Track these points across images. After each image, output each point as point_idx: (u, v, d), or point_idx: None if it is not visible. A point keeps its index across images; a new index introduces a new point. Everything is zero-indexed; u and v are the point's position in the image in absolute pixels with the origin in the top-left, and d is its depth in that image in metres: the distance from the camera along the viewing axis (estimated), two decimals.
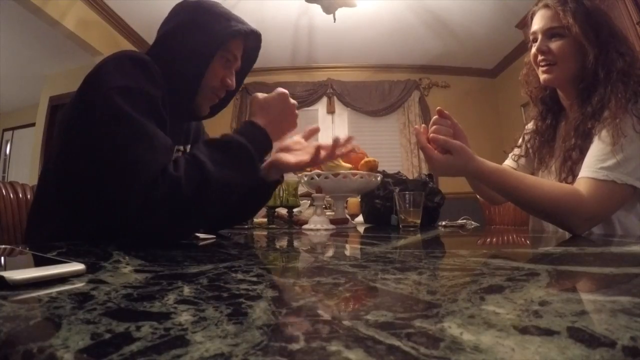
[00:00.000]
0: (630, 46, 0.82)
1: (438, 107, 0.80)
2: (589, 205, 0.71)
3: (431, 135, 0.76)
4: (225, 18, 0.75)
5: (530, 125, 1.02)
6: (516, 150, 1.05)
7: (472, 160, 0.74)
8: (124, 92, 0.60)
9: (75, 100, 0.66)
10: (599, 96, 0.78)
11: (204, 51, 0.72)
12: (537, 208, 0.77)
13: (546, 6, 0.85)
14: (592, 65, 0.79)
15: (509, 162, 1.06)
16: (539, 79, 0.91)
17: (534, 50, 0.88)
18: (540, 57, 0.86)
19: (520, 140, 1.04)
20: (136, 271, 0.33)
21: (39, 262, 0.40)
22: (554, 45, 0.83)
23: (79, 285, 0.27)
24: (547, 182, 0.79)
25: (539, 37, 0.86)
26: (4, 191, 0.98)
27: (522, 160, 1.03)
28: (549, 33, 0.84)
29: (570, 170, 0.80)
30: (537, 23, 0.86)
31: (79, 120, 0.64)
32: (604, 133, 0.74)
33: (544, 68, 0.86)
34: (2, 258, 0.44)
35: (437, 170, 0.76)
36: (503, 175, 0.75)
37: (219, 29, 0.73)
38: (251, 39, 0.83)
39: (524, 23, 0.93)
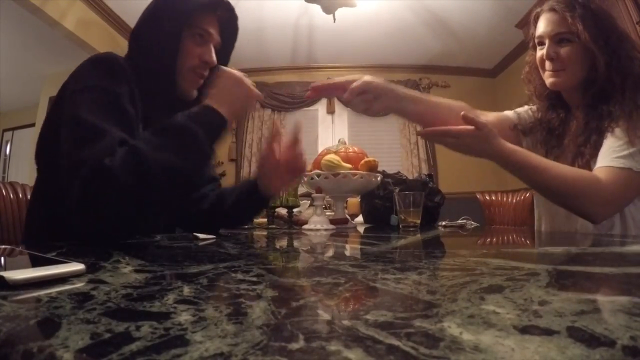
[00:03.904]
0: (638, 48, 0.81)
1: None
2: (606, 190, 0.71)
3: (462, 113, 0.72)
4: None
5: (535, 108, 0.97)
6: (518, 109, 1.00)
7: (495, 137, 0.73)
8: (82, 93, 0.62)
9: (53, 104, 0.70)
10: (614, 100, 0.78)
11: (171, 31, 0.73)
12: (554, 190, 0.76)
13: (553, 10, 0.83)
14: (604, 71, 0.78)
15: (508, 112, 1.01)
16: (541, 77, 0.89)
17: (540, 54, 0.86)
18: (548, 63, 0.84)
19: (526, 107, 0.99)
20: (136, 271, 0.33)
21: (39, 262, 0.40)
22: (563, 51, 0.82)
23: (78, 285, 0.27)
24: (565, 165, 0.78)
25: (546, 42, 0.84)
26: (4, 191, 0.98)
27: (524, 116, 0.97)
28: (557, 38, 0.83)
29: (581, 167, 0.80)
30: (544, 27, 0.84)
31: (53, 123, 0.67)
32: (617, 131, 0.75)
33: (552, 72, 0.85)
34: (2, 258, 0.43)
35: (460, 146, 0.74)
36: (524, 155, 0.74)
37: (181, 7, 0.73)
38: (222, 11, 0.80)
39: (524, 22, 0.91)
